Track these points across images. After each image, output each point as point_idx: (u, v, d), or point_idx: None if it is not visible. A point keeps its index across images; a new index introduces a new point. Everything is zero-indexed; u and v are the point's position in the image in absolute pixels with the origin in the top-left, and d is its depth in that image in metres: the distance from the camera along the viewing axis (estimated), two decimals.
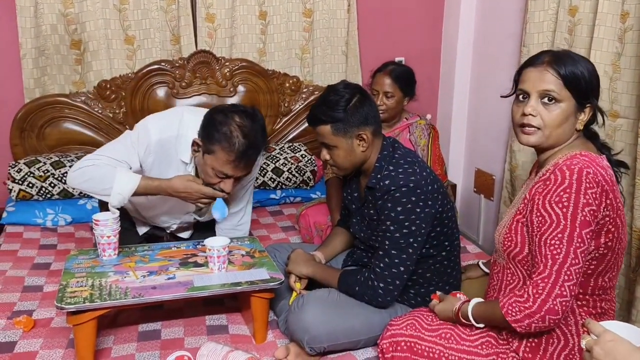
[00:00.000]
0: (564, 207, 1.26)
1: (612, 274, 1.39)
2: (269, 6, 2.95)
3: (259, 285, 1.67)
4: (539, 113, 1.35)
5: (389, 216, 1.63)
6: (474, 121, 3.26)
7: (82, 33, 2.74)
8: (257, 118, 1.75)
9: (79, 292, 1.57)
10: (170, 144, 1.83)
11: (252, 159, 1.75)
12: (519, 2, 2.72)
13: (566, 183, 1.27)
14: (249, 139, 1.70)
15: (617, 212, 1.32)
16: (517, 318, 1.28)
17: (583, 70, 1.33)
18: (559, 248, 1.25)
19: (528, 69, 1.38)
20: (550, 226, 1.27)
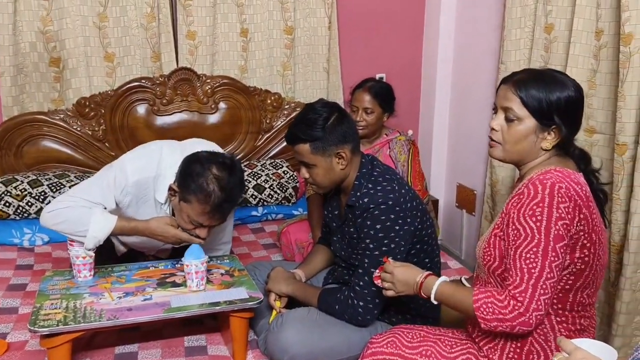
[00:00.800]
0: (537, 221, 1.28)
1: (591, 291, 1.40)
2: (250, 23, 2.96)
3: (238, 304, 1.65)
4: (501, 128, 1.39)
5: (368, 234, 1.63)
6: (455, 137, 3.29)
7: (62, 50, 2.72)
8: (236, 169, 1.72)
9: (53, 315, 1.54)
10: (148, 184, 1.81)
11: (227, 211, 1.73)
12: (497, 20, 2.77)
13: (539, 197, 1.29)
14: (226, 192, 1.67)
15: (593, 228, 1.33)
16: (487, 317, 1.29)
17: (550, 93, 1.33)
18: (535, 262, 1.27)
19: (501, 85, 1.42)
20: (525, 239, 1.29)
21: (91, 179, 1.87)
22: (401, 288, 1.46)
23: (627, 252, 2.01)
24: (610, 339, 2.11)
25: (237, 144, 3.01)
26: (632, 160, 2.01)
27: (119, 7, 2.76)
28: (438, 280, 1.41)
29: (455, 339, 1.49)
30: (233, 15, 2.93)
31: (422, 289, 1.43)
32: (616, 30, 2.06)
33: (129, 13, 2.78)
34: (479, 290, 1.33)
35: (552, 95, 1.34)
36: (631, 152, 2.01)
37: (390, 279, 1.46)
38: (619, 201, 2.06)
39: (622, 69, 1.99)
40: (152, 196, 1.82)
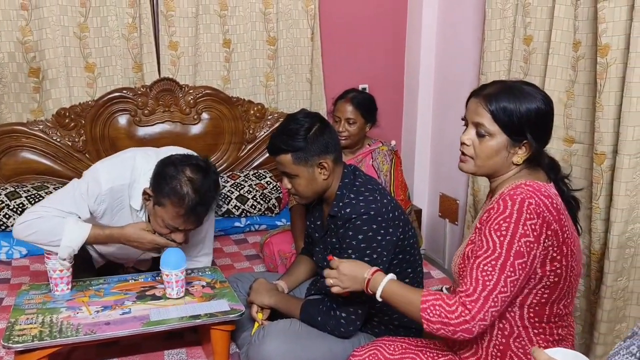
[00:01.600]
0: (501, 236, 1.28)
1: (568, 301, 1.40)
2: (233, 34, 2.96)
3: (219, 317, 1.62)
4: (472, 143, 1.39)
5: (350, 244, 1.62)
6: (437, 147, 3.31)
7: (41, 61, 2.69)
8: (210, 172, 1.70)
9: (28, 330, 1.51)
10: (122, 191, 1.79)
11: (202, 214, 1.71)
12: (477, 32, 2.80)
13: (507, 212, 1.29)
14: (200, 194, 1.65)
15: (564, 241, 1.32)
16: (431, 320, 1.28)
17: (520, 106, 1.32)
18: (491, 275, 1.26)
19: (471, 99, 1.41)
20: (486, 251, 1.29)
21: (64, 189, 1.83)
22: (348, 283, 1.44)
23: (608, 260, 2.03)
24: (592, 347, 2.12)
25: (220, 155, 2.99)
26: (611, 169, 2.03)
27: (100, 18, 2.74)
28: (386, 277, 1.39)
29: (437, 350, 1.49)
30: (215, 25, 2.93)
31: (369, 286, 1.41)
32: (593, 41, 2.09)
33: (110, 23, 2.76)
34: (428, 292, 1.32)
35: (521, 109, 1.32)
36: (610, 162, 2.04)
37: (336, 275, 1.45)
38: (599, 210, 2.09)
39: (599, 80, 2.02)
40: (127, 204, 1.80)
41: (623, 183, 1.97)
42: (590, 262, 2.15)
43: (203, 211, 1.70)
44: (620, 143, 1.97)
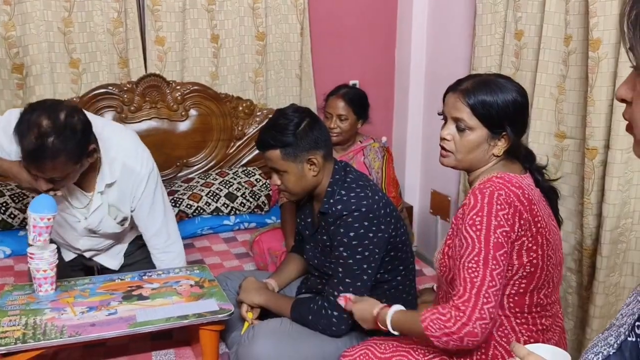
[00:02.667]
0: (477, 230, 1.28)
1: (548, 291, 1.40)
2: (221, 29, 2.92)
3: (208, 317, 1.59)
4: (452, 137, 1.40)
5: (341, 242, 1.59)
6: (428, 143, 3.29)
7: (25, 57, 2.63)
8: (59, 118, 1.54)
9: (11, 332, 1.47)
10: None
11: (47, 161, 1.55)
12: (468, 27, 2.78)
13: (478, 206, 1.29)
14: (39, 140, 1.51)
15: (538, 230, 1.33)
16: (436, 335, 1.28)
17: (497, 99, 1.34)
18: (476, 271, 1.26)
19: (449, 94, 1.42)
20: (467, 249, 1.29)
21: None
22: (362, 324, 1.52)
23: (600, 256, 2.02)
24: (585, 342, 2.12)
25: (208, 152, 2.95)
26: (603, 164, 2.02)
27: (85, 12, 2.69)
28: (390, 310, 1.43)
29: (428, 347, 1.47)
30: (203, 20, 2.88)
31: (379, 322, 1.45)
32: (585, 36, 2.08)
33: (95, 18, 2.71)
34: (426, 310, 1.33)
35: (499, 101, 1.34)
36: (601, 157, 2.03)
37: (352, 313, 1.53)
38: (590, 205, 2.07)
39: (591, 74, 2.01)
40: None
41: (615, 178, 1.96)
42: (582, 258, 2.14)
43: (47, 158, 1.54)
44: (612, 138, 1.95)
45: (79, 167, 1.65)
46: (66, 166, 1.59)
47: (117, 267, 2.02)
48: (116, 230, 1.90)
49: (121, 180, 1.79)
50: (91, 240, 1.93)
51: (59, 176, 1.62)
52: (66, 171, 1.62)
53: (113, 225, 1.87)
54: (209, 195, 2.72)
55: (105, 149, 1.75)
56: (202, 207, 2.69)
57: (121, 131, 1.87)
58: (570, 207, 2.20)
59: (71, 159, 1.59)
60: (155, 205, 1.87)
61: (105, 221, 1.85)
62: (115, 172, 1.78)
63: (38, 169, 1.58)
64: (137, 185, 1.81)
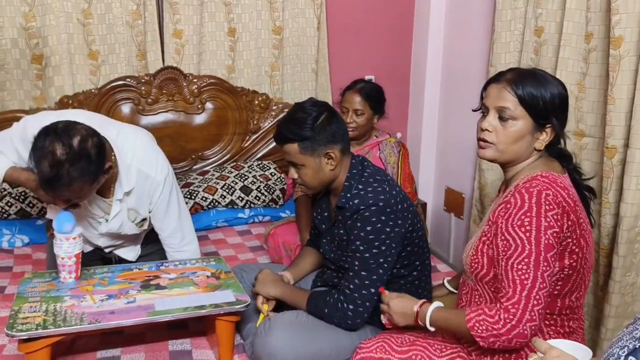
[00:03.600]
0: (527, 231, 1.26)
1: (579, 294, 1.39)
2: (238, 23, 2.92)
3: (224, 308, 1.60)
4: (494, 129, 1.36)
5: (358, 236, 1.60)
6: (443, 139, 3.28)
7: (44, 47, 2.66)
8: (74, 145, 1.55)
9: (32, 318, 1.49)
10: None
11: (64, 188, 1.57)
12: (487, 23, 2.76)
13: (526, 207, 1.27)
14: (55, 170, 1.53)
15: (581, 232, 1.32)
16: (482, 335, 1.27)
17: (545, 91, 1.33)
18: (527, 273, 1.24)
19: (491, 85, 1.40)
20: (515, 250, 1.27)
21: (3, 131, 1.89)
22: (398, 319, 1.49)
23: (617, 256, 2.01)
24: (599, 342, 2.11)
25: (224, 145, 2.96)
26: (622, 163, 2.01)
27: (104, 4, 2.71)
28: (431, 307, 1.41)
29: (445, 343, 1.47)
30: (221, 14, 2.89)
31: (419, 319, 1.43)
32: (606, 33, 2.06)
33: (114, 10, 2.72)
34: (470, 310, 1.31)
35: (546, 93, 1.33)
36: (620, 156, 2.01)
37: (387, 310, 1.51)
38: (609, 204, 2.06)
39: (611, 72, 1.99)
40: None
41: (634, 177, 1.95)
42: (599, 257, 2.12)
43: (62, 186, 1.56)
44: (631, 137, 1.94)
45: (95, 186, 1.67)
46: (82, 189, 1.62)
47: (134, 259, 2.05)
48: (135, 231, 1.94)
49: (138, 186, 1.81)
50: (111, 240, 1.97)
51: (76, 197, 1.65)
52: (83, 192, 1.64)
53: (133, 227, 1.91)
54: (224, 188, 2.73)
55: (121, 158, 1.76)
56: (217, 199, 2.71)
57: (135, 137, 1.86)
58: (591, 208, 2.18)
59: (87, 182, 1.61)
60: (170, 208, 1.90)
61: (125, 225, 1.88)
62: (132, 180, 1.79)
63: (55, 194, 1.61)
64: (153, 190, 1.84)
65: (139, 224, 1.91)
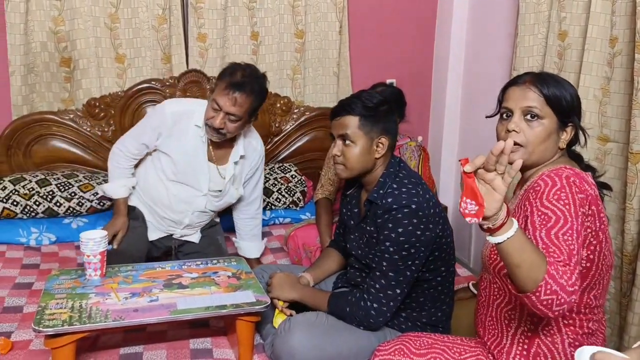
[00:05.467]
0: (566, 204, 1.23)
1: (598, 292, 1.38)
2: (261, 27, 2.96)
3: (245, 308, 1.62)
4: (522, 130, 1.36)
5: (388, 237, 1.60)
6: (465, 143, 3.26)
7: (72, 51, 2.73)
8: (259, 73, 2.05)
9: (58, 315, 1.52)
10: (185, 115, 2.12)
11: (244, 94, 1.95)
12: (509, 27, 2.75)
13: (559, 184, 1.26)
14: (247, 75, 1.98)
15: (600, 227, 1.32)
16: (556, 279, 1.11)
17: (565, 90, 1.37)
18: (573, 244, 1.19)
19: (511, 88, 1.41)
20: (557, 222, 1.21)
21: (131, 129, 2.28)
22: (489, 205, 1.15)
23: None
24: (622, 350, 2.06)
25: None
26: None
27: (131, 9, 2.77)
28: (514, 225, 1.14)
29: (464, 346, 1.47)
30: (244, 18, 2.93)
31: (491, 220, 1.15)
32: (631, 37, 2.03)
33: (141, 14, 2.78)
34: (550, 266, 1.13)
35: (566, 93, 1.36)
36: None
37: None
38: (633, 211, 2.03)
39: (636, 77, 1.96)
40: (191, 125, 2.11)
41: None
42: (622, 264, 2.09)
43: (246, 90, 1.95)
44: None
45: (247, 119, 2.06)
46: (248, 109, 2.00)
47: (197, 241, 2.32)
48: (233, 199, 2.26)
49: (247, 155, 2.20)
50: (199, 216, 2.25)
51: (238, 114, 1.98)
52: (244, 113, 2.00)
53: (235, 195, 2.24)
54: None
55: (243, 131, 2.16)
56: None
57: None
58: (612, 212, 2.15)
59: (252, 105, 2.00)
60: (261, 178, 2.32)
61: (229, 190, 2.21)
62: (247, 149, 2.20)
63: (231, 99, 1.95)
64: (256, 159, 2.25)
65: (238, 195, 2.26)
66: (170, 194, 2.18)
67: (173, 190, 2.18)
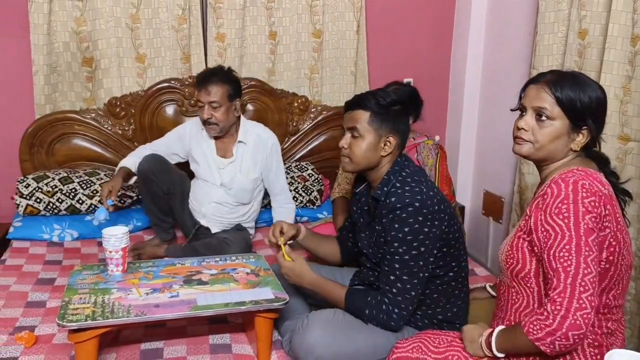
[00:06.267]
0: (565, 218, 1.26)
1: (617, 292, 1.37)
2: (279, 26, 2.98)
3: (264, 305, 1.64)
4: (531, 128, 1.38)
5: (396, 237, 1.61)
6: (482, 143, 3.25)
7: (94, 51, 2.77)
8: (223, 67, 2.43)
9: (81, 310, 1.56)
10: (199, 122, 2.46)
11: (212, 82, 2.29)
12: (529, 25, 2.73)
13: (562, 194, 1.27)
14: (209, 72, 2.37)
15: (618, 227, 1.31)
16: (539, 336, 1.24)
17: (583, 93, 1.34)
18: (569, 260, 1.23)
19: (530, 86, 1.42)
20: (555, 239, 1.26)
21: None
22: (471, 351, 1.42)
23: None
24: None
25: None
26: None
27: (151, 9, 2.80)
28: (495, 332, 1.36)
29: None
30: (262, 18, 2.95)
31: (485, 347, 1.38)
32: None
33: (161, 15, 2.82)
34: (526, 317, 1.30)
35: (584, 96, 1.34)
36: None
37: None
38: None
39: None
40: (202, 134, 2.46)
41: None
42: None
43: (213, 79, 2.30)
44: None
45: (230, 108, 2.35)
46: (224, 94, 2.31)
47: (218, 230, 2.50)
48: (247, 187, 2.45)
49: (255, 146, 2.44)
50: (218, 207, 2.45)
51: (217, 100, 2.29)
52: (222, 98, 2.30)
53: (246, 182, 2.44)
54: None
55: (242, 123, 2.46)
56: None
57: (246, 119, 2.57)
58: (632, 213, 2.13)
59: (227, 91, 2.32)
60: (280, 170, 2.53)
61: (236, 178, 2.43)
62: (249, 137, 2.44)
63: (205, 91, 2.29)
64: (267, 150, 2.46)
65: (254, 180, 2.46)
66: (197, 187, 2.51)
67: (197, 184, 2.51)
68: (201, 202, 2.48)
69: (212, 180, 2.45)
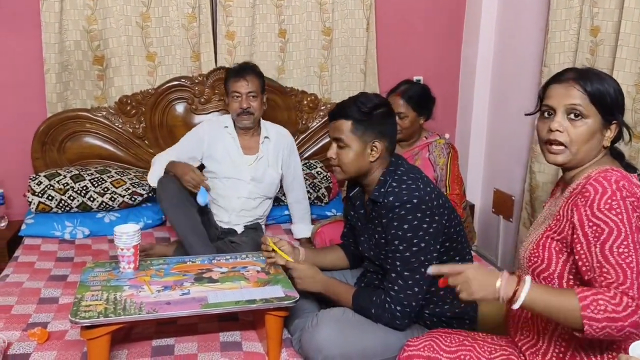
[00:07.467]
0: (618, 214, 1.22)
1: None
2: (289, 24, 2.98)
3: (274, 303, 1.65)
4: (565, 129, 1.33)
5: (396, 235, 1.61)
6: (493, 141, 3.23)
7: (105, 49, 2.79)
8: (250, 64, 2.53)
9: (94, 306, 1.57)
10: (217, 122, 2.53)
11: (250, 74, 2.39)
12: (540, 22, 2.71)
13: (609, 192, 1.24)
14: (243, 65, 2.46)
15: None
16: (597, 317, 1.16)
17: (608, 87, 1.32)
18: (630, 256, 1.19)
19: (553, 86, 1.37)
20: (610, 234, 1.21)
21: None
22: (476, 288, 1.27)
23: None
24: None
25: None
26: None
27: (161, 8, 2.82)
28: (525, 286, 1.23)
29: (494, 345, 1.46)
30: (272, 16, 2.96)
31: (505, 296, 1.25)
32: None
33: (171, 13, 2.83)
34: (582, 289, 1.22)
35: (610, 89, 1.32)
36: None
37: (462, 280, 1.28)
38: None
39: None
40: (222, 128, 2.49)
41: None
42: None
43: (249, 71, 2.40)
44: None
45: (262, 100, 2.46)
46: (259, 85, 2.42)
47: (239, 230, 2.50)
48: (276, 180, 2.52)
49: (276, 140, 2.53)
50: (247, 202, 2.48)
51: (254, 90, 2.39)
52: (257, 89, 2.41)
53: (275, 175, 2.51)
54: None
55: (263, 123, 2.54)
56: None
57: None
58: None
59: (260, 82, 2.43)
60: (297, 164, 2.62)
61: (267, 172, 2.48)
62: (271, 133, 2.53)
63: (244, 81, 2.37)
64: (287, 142, 2.56)
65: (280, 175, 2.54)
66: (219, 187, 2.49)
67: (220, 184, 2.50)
68: (229, 199, 2.47)
69: (239, 177, 2.46)
